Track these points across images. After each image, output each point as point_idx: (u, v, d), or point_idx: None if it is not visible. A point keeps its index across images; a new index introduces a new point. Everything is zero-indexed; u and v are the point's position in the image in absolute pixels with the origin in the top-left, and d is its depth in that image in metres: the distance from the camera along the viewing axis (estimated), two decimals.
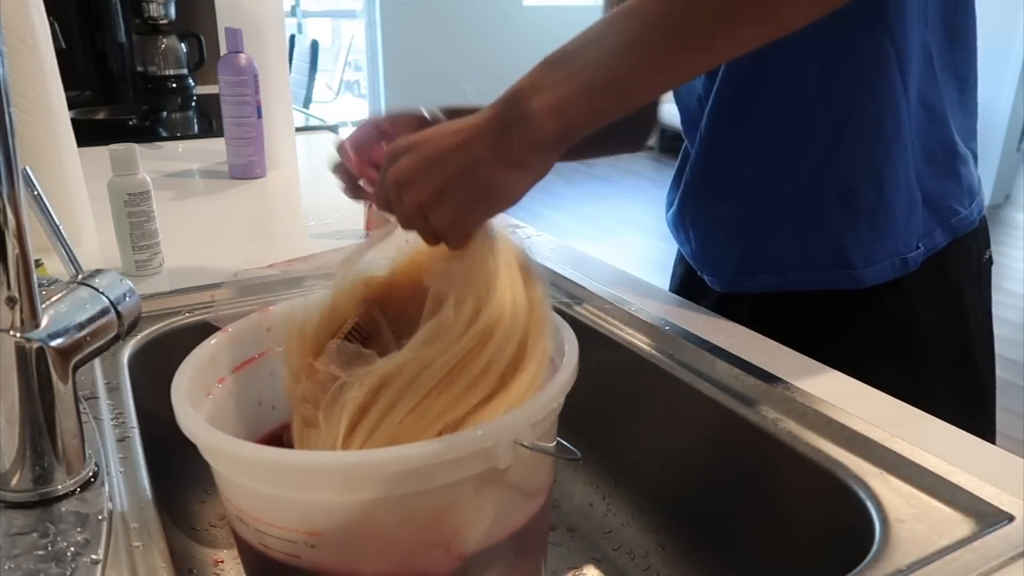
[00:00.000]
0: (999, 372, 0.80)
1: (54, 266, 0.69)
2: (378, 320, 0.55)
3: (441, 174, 0.48)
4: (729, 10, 0.43)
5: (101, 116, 1.96)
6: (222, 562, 0.68)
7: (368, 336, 0.54)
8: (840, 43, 0.67)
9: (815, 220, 0.73)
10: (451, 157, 0.48)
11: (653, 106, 0.83)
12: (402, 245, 0.55)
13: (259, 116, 1.29)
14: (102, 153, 0.86)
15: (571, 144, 0.47)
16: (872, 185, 0.70)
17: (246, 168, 1.32)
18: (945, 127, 0.72)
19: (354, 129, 0.65)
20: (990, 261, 0.79)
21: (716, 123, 0.75)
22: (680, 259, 0.93)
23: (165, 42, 2.20)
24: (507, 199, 0.49)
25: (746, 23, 0.44)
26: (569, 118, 0.45)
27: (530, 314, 0.48)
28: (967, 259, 0.76)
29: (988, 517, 0.48)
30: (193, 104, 2.20)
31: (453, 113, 0.56)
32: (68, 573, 0.42)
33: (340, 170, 0.64)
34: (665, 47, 0.44)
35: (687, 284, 0.89)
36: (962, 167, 0.74)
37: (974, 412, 0.78)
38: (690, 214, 0.82)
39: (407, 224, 0.51)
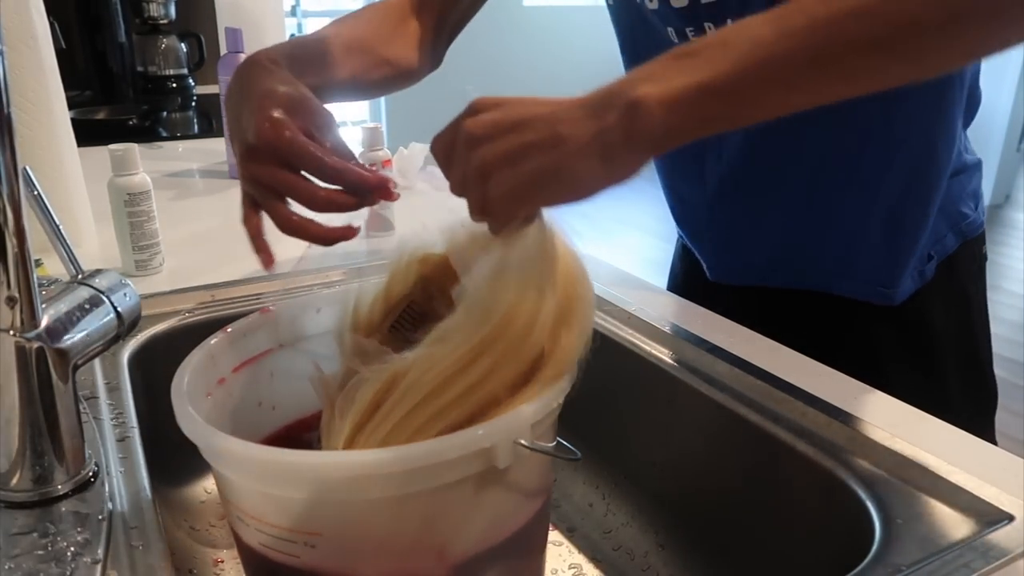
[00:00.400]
0: (999, 372, 0.81)
1: (54, 266, 0.69)
2: (436, 298, 0.52)
3: (520, 139, 0.43)
4: (882, 43, 0.39)
5: (101, 116, 1.96)
6: (222, 562, 0.68)
7: (424, 315, 0.51)
8: None
9: (858, 234, 0.72)
10: (537, 124, 0.43)
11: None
12: (457, 226, 0.51)
13: None
14: (102, 153, 0.86)
15: (663, 151, 0.42)
16: (920, 212, 0.70)
17: None
18: (959, 136, 0.72)
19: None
20: (986, 257, 0.79)
21: (770, 126, 0.75)
22: (682, 256, 0.92)
23: (165, 42, 2.20)
24: (577, 190, 0.44)
25: (897, 60, 0.40)
26: (676, 115, 0.41)
27: (559, 325, 0.44)
28: (971, 257, 0.76)
29: (988, 517, 0.48)
30: (193, 104, 2.19)
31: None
32: (68, 573, 0.42)
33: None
34: (802, 63, 0.40)
35: (689, 281, 0.89)
36: (974, 171, 0.74)
37: (980, 409, 0.78)
38: (721, 209, 0.80)
39: (461, 187, 0.46)
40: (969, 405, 0.75)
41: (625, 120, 0.41)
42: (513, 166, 0.43)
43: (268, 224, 0.57)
